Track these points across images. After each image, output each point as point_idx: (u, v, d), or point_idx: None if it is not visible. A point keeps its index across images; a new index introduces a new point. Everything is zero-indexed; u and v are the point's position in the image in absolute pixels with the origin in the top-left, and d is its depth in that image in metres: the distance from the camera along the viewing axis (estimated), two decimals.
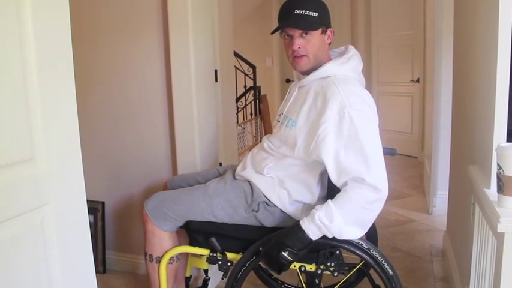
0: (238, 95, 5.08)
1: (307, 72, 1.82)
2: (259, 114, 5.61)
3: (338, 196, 1.65)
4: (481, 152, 1.77)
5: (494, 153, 1.43)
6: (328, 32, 1.80)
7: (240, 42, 4.69)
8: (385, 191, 1.63)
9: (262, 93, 5.70)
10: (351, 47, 1.87)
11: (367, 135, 1.64)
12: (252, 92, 5.58)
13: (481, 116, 1.78)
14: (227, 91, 2.81)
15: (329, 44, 1.84)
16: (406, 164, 5.33)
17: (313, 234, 1.64)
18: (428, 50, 4.45)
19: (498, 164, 1.37)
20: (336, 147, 1.65)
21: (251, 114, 5.59)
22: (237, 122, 4.55)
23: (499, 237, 1.38)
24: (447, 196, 3.02)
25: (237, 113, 4.60)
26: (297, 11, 1.73)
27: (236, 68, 4.61)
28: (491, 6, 1.57)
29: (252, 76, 5.58)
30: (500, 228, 1.31)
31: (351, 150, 1.63)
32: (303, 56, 1.78)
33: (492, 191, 1.50)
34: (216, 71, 2.61)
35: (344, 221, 1.62)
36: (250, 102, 5.61)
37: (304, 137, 1.74)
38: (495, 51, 1.50)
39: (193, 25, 2.34)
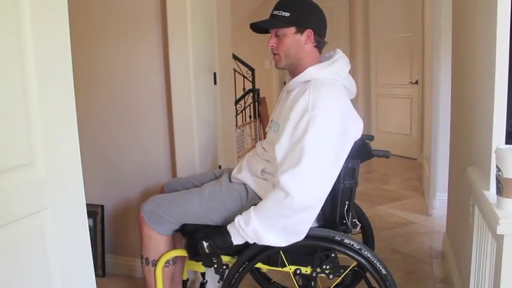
0: (237, 98, 5.10)
1: (293, 75, 1.85)
2: (258, 116, 5.62)
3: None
4: (480, 154, 1.77)
5: (493, 155, 1.43)
6: (307, 32, 1.80)
7: (238, 45, 4.69)
8: (299, 200, 1.61)
9: (261, 95, 5.72)
10: (338, 50, 1.89)
11: (313, 143, 1.64)
12: (251, 94, 5.60)
13: (480, 118, 1.78)
14: (226, 94, 2.82)
15: (315, 45, 1.84)
16: (405, 166, 5.33)
17: (235, 237, 1.68)
18: (427, 52, 4.47)
19: (497, 166, 1.37)
20: (285, 142, 1.70)
21: (250, 117, 5.60)
22: (236, 125, 4.55)
23: (499, 239, 1.38)
24: (446, 198, 3.02)
25: (236, 116, 4.61)
26: (274, 12, 1.82)
27: (235, 70, 4.62)
28: (489, 8, 1.57)
29: (251, 79, 5.59)
30: (499, 230, 1.31)
31: (292, 150, 1.67)
32: (276, 54, 1.85)
33: (491, 193, 1.50)
34: (214, 73, 2.61)
35: (261, 225, 1.64)
36: (249, 105, 5.62)
37: None
38: (494, 53, 1.50)
39: (192, 28, 2.34)
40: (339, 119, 1.69)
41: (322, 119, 1.65)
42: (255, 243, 1.69)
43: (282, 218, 1.64)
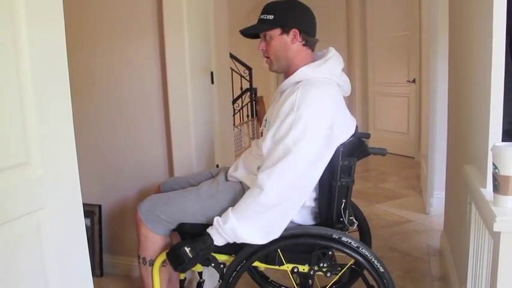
0: (234, 97, 5.09)
1: (287, 76, 1.86)
2: (256, 115, 5.62)
3: None
4: (476, 151, 1.77)
5: (490, 153, 1.44)
6: (292, 32, 1.82)
7: (236, 44, 4.69)
8: (271, 196, 1.64)
9: (258, 94, 5.71)
10: (330, 48, 1.89)
11: (295, 143, 1.65)
12: (249, 93, 5.59)
13: (477, 116, 1.79)
14: (223, 93, 2.81)
15: (303, 44, 1.84)
16: (403, 165, 5.33)
17: (216, 237, 1.69)
18: (424, 51, 4.47)
19: (493, 164, 1.38)
20: (269, 141, 1.72)
21: (248, 116, 5.59)
22: (234, 124, 4.55)
23: (495, 236, 1.38)
24: (444, 196, 3.02)
25: (233, 115, 4.61)
26: (260, 17, 1.86)
27: (232, 69, 4.61)
28: (485, 6, 1.57)
29: (248, 78, 5.59)
30: (496, 227, 1.31)
31: (274, 148, 1.69)
32: (267, 57, 1.89)
33: (488, 190, 1.50)
34: (212, 73, 2.61)
35: (238, 223, 1.66)
36: (247, 104, 5.61)
37: None
38: (490, 51, 1.50)
39: (188, 27, 2.33)
40: (325, 120, 1.69)
41: (307, 120, 1.66)
42: None
43: (258, 215, 1.66)
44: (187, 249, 1.69)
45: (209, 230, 1.70)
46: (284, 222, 1.69)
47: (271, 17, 1.81)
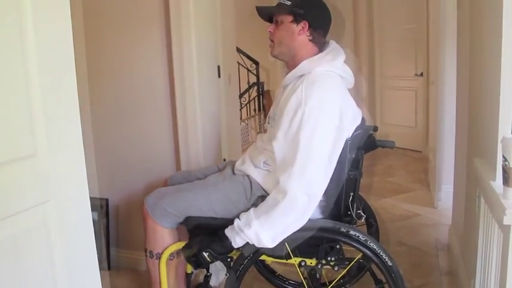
0: (241, 91, 5.09)
1: (289, 69, 1.85)
2: (263, 110, 5.61)
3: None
4: (486, 144, 1.76)
5: (500, 145, 1.42)
6: (302, 23, 1.81)
7: (243, 38, 4.68)
8: (293, 197, 1.62)
9: (265, 89, 5.71)
10: (331, 41, 1.89)
11: (308, 140, 1.64)
12: (256, 88, 5.59)
13: (486, 108, 1.77)
14: (230, 87, 2.81)
15: (310, 39, 1.83)
16: (411, 158, 5.31)
17: (235, 241, 1.68)
18: (432, 44, 4.44)
19: (503, 156, 1.36)
20: (281, 140, 1.70)
21: (254, 110, 5.59)
22: (241, 118, 4.55)
23: (505, 229, 1.37)
24: (452, 190, 3.00)
25: (240, 109, 4.60)
26: (280, 0, 1.85)
27: (239, 64, 4.61)
28: None
29: (255, 72, 5.58)
30: (506, 220, 1.30)
31: (288, 148, 1.68)
32: (272, 40, 1.87)
33: (498, 183, 1.49)
34: (218, 66, 2.60)
35: (262, 228, 1.64)
36: (254, 98, 5.61)
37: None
38: (500, 43, 1.49)
39: (195, 21, 2.33)
40: (333, 113, 1.68)
41: (316, 115, 1.65)
42: None
43: (283, 217, 1.64)
44: (205, 254, 1.71)
45: (228, 233, 1.69)
46: (301, 223, 1.67)
47: (288, 3, 1.81)
